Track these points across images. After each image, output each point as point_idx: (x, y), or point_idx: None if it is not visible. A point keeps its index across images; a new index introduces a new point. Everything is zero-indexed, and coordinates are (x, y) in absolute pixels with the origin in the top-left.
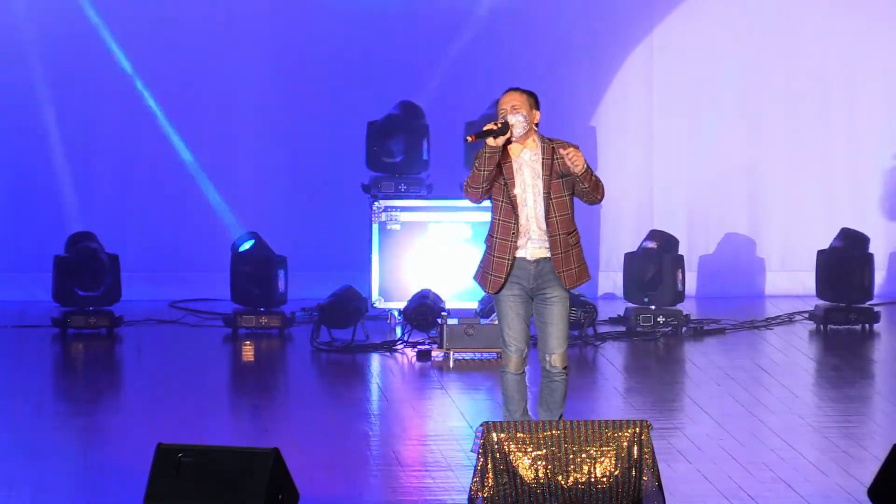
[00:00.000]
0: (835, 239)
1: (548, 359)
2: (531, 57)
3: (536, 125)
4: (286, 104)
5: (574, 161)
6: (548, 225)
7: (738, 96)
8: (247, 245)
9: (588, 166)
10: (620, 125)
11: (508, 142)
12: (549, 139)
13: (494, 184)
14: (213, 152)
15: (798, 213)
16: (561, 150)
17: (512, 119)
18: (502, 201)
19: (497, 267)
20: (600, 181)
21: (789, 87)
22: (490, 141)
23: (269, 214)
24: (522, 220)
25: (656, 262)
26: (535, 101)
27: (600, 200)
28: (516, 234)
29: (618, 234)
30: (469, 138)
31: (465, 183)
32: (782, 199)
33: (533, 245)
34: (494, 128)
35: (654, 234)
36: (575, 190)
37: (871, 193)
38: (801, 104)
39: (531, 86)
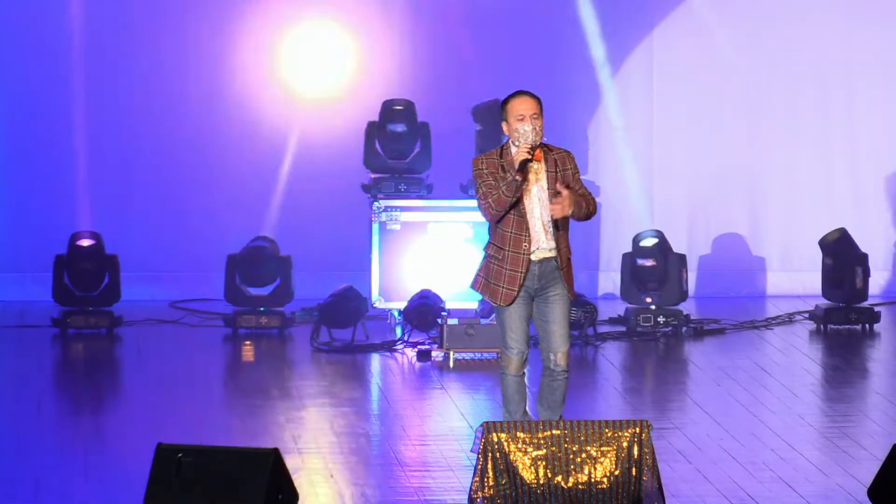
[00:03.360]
0: (824, 250)
1: (552, 357)
2: (531, 57)
3: None
4: (286, 104)
5: (555, 213)
6: (555, 237)
7: (738, 96)
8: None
9: (573, 209)
10: (620, 126)
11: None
12: (548, 146)
13: None
14: (213, 152)
15: (798, 213)
16: (552, 204)
17: (534, 131)
18: (514, 215)
19: (510, 280)
20: (590, 207)
21: (789, 87)
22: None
23: (270, 214)
24: (531, 231)
25: (661, 261)
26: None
27: (589, 219)
28: (528, 244)
29: (618, 234)
30: (518, 178)
31: (486, 203)
32: (782, 199)
33: (539, 249)
34: (530, 156)
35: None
36: None
37: (871, 193)
38: (801, 104)
39: (531, 86)
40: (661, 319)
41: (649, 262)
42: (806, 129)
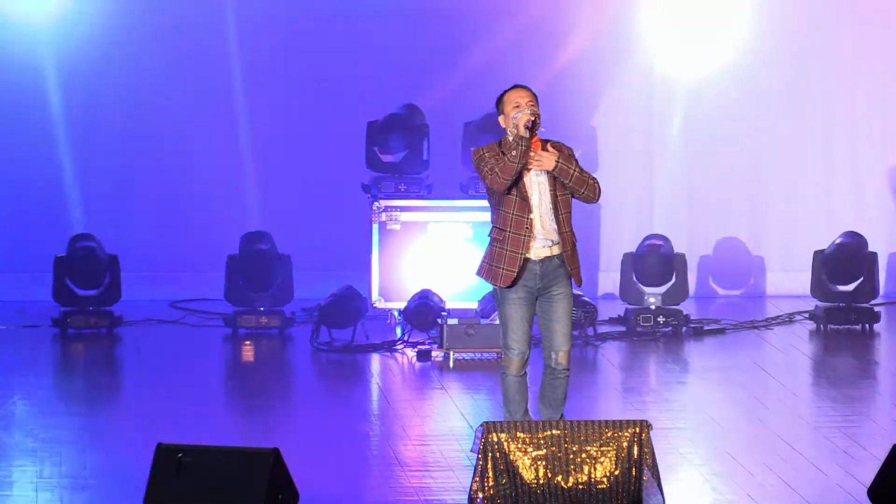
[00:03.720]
0: (837, 239)
1: (554, 356)
2: (531, 57)
3: None
4: (286, 104)
5: (539, 165)
6: (556, 223)
7: (738, 97)
8: None
9: (561, 164)
10: (620, 126)
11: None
12: (546, 140)
13: None
14: (213, 152)
15: (798, 213)
16: (532, 156)
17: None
18: (515, 196)
19: (510, 261)
20: (589, 179)
21: (789, 88)
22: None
23: (270, 214)
24: (532, 214)
25: (667, 259)
26: None
27: (596, 199)
28: (530, 228)
29: (618, 234)
30: (526, 135)
31: (492, 174)
32: (782, 200)
33: (538, 245)
34: (537, 120)
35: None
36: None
37: (871, 193)
38: (802, 104)
39: (531, 86)
40: (661, 319)
41: (659, 241)
42: (806, 129)
